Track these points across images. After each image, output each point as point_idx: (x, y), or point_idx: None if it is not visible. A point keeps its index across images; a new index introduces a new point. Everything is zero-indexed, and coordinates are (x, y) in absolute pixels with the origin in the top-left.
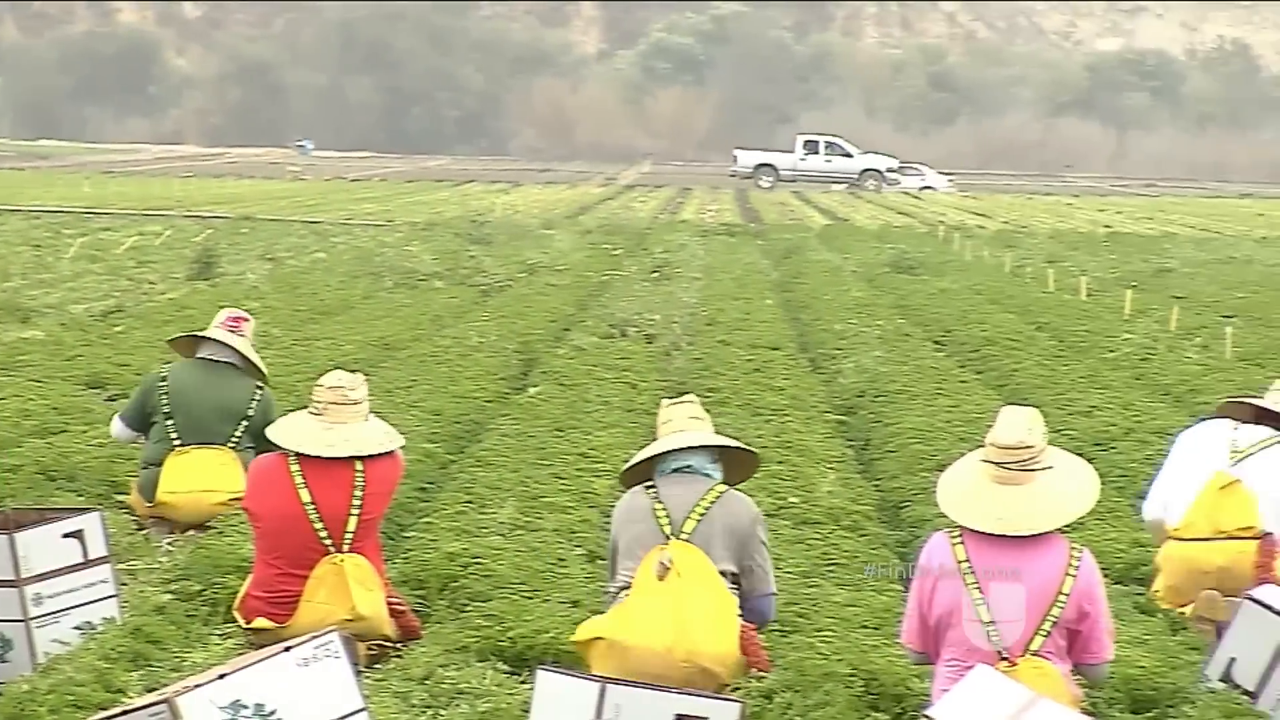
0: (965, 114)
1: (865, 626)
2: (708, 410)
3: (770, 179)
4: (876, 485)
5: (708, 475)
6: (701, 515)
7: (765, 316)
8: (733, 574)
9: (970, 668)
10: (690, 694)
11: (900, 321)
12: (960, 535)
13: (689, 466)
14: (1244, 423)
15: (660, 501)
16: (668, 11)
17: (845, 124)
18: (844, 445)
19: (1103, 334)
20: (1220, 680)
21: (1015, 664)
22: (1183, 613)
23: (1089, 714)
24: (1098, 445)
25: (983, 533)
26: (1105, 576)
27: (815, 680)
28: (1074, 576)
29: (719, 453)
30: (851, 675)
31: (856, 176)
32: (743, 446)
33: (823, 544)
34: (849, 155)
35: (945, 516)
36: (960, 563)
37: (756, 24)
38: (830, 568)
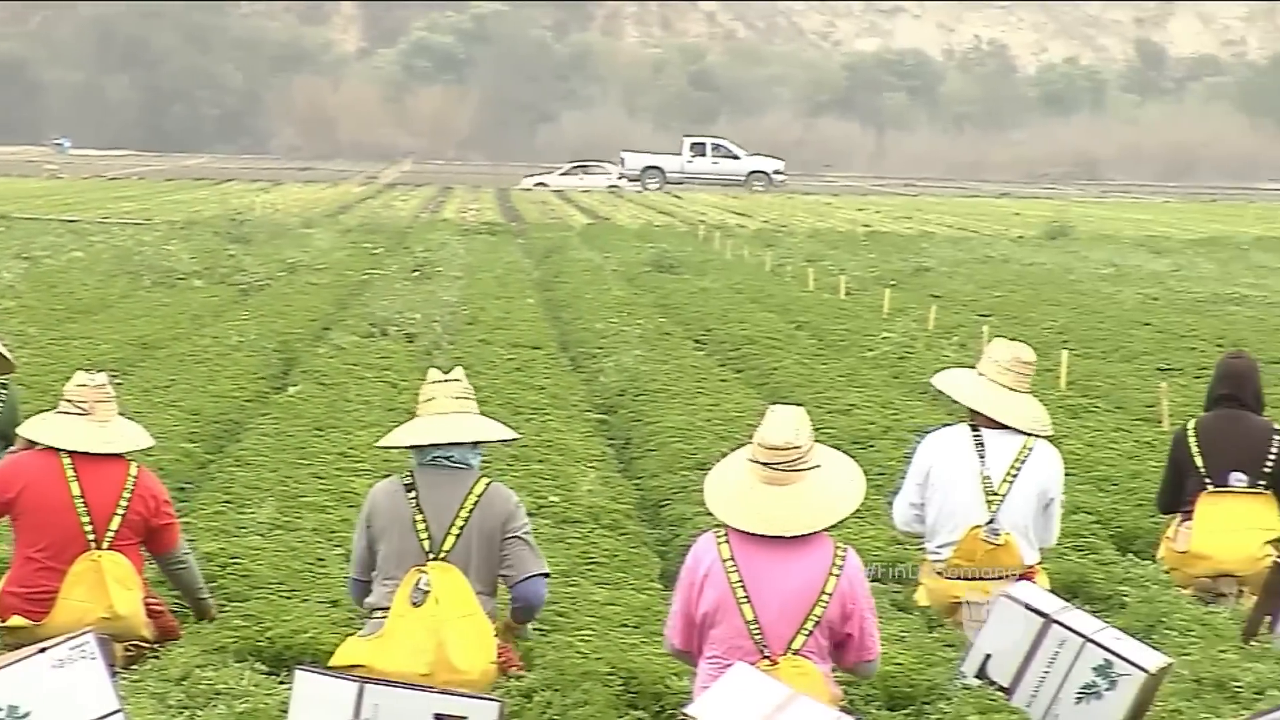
0: (725, 113)
1: (625, 625)
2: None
3: (657, 181)
4: (637, 484)
5: (467, 465)
6: (461, 528)
7: (526, 315)
8: (492, 585)
9: (731, 665)
10: (449, 693)
11: (661, 320)
12: (726, 534)
13: (449, 457)
14: (985, 427)
15: (421, 511)
16: (428, 10)
17: (606, 123)
18: (604, 444)
19: (861, 332)
20: (976, 676)
21: (776, 662)
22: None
23: (847, 712)
24: (856, 444)
25: (749, 532)
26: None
27: (574, 679)
28: (837, 576)
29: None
30: (610, 674)
31: (743, 178)
32: (504, 439)
33: (583, 543)
34: (736, 157)
35: (706, 514)
36: (725, 561)
37: (517, 23)
38: (590, 566)
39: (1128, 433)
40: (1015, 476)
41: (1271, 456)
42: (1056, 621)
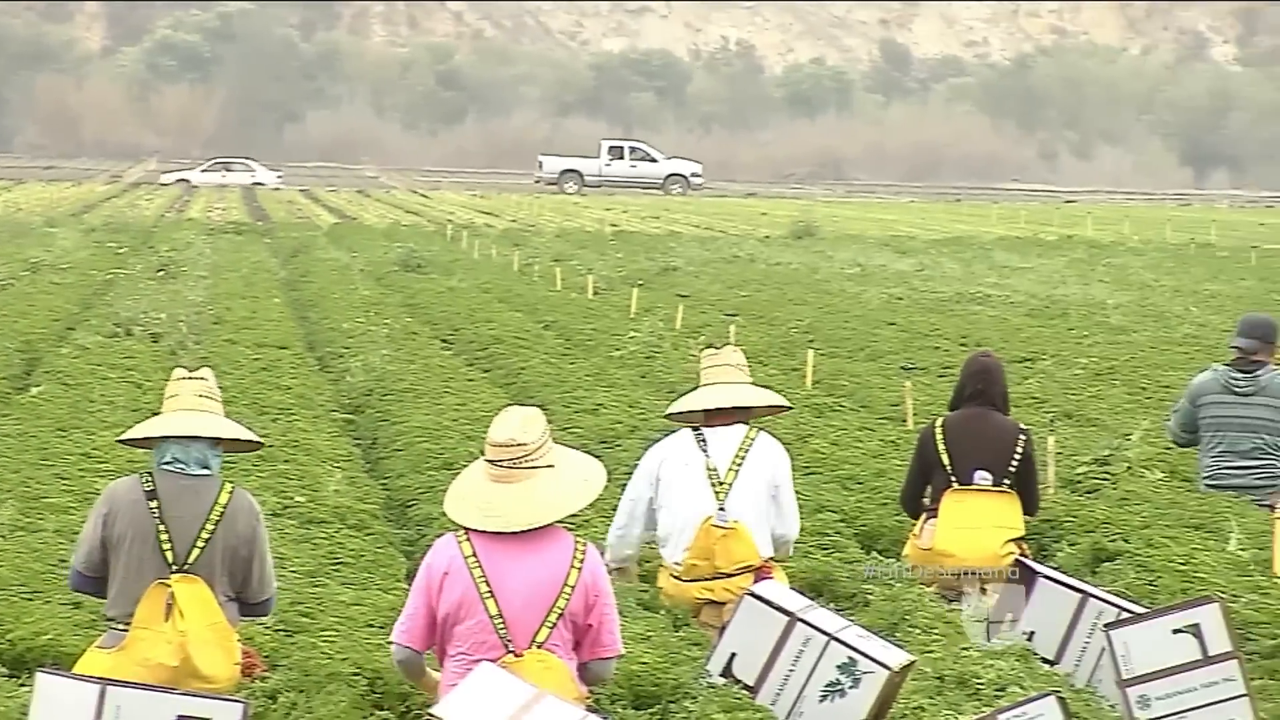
0: (473, 113)
1: (370, 625)
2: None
3: (575, 184)
4: (383, 484)
5: (207, 469)
6: (206, 540)
7: (273, 315)
8: (237, 589)
9: (477, 662)
10: (192, 695)
11: (408, 320)
12: (467, 534)
13: (188, 461)
14: (706, 426)
15: (164, 524)
16: (172, 9)
17: (353, 123)
18: (351, 444)
19: (609, 332)
20: (721, 675)
21: (520, 656)
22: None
23: (593, 711)
24: (603, 443)
25: (474, 529)
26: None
27: (320, 680)
28: (579, 569)
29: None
30: (356, 674)
31: (661, 181)
32: (246, 439)
33: (329, 543)
34: (654, 160)
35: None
36: (468, 558)
37: (263, 22)
38: (336, 567)
39: (872, 431)
40: (740, 465)
41: (1017, 456)
42: (801, 620)
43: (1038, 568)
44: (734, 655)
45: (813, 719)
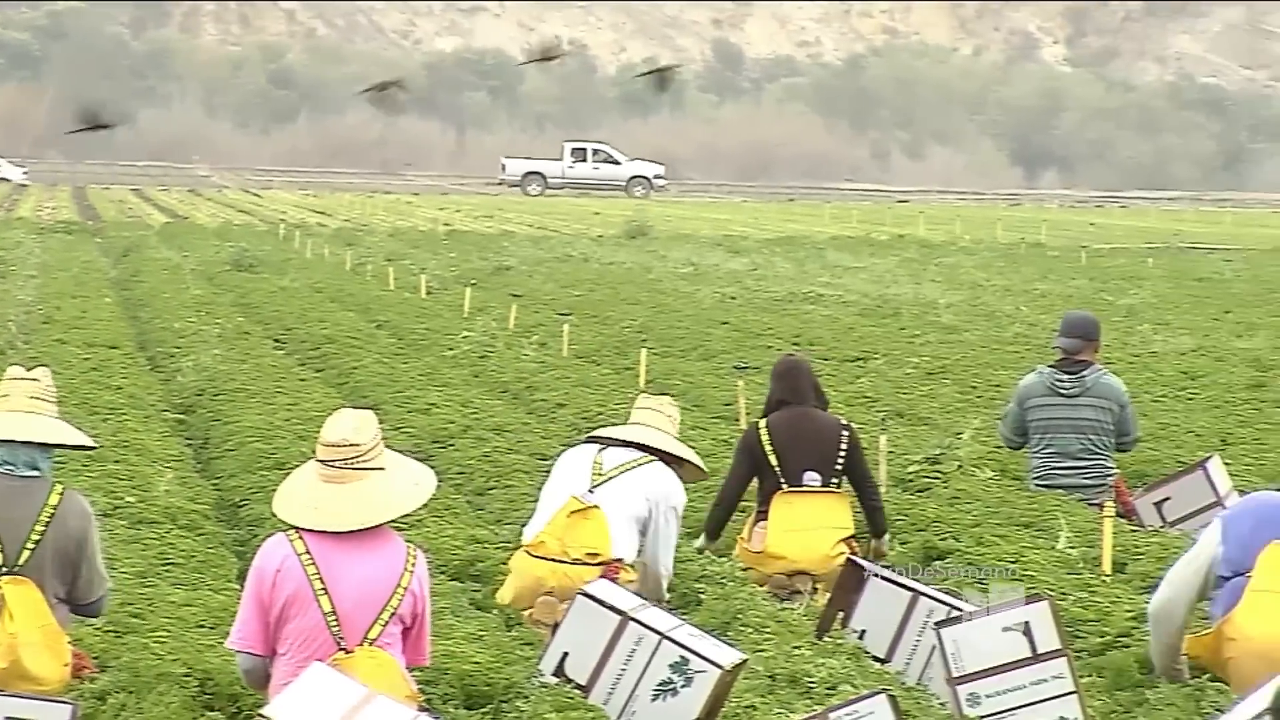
0: (306, 112)
1: (202, 626)
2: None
3: (538, 187)
4: (215, 484)
5: (37, 472)
6: (37, 542)
7: (103, 315)
8: (68, 590)
9: (308, 660)
10: (21, 696)
11: (240, 319)
12: (298, 531)
13: (15, 464)
14: (614, 444)
15: None
16: (2, 7)
17: (185, 122)
18: (182, 444)
19: (442, 332)
20: (554, 674)
21: (352, 653)
22: (524, 614)
23: (425, 710)
24: (436, 443)
25: (304, 528)
26: (442, 573)
27: (150, 681)
28: (411, 573)
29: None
30: (187, 675)
31: (624, 183)
32: (78, 444)
33: (159, 543)
34: (616, 163)
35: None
36: (301, 555)
37: (93, 19)
38: (167, 567)
39: (705, 430)
40: (626, 470)
41: (842, 453)
42: (633, 619)
43: (869, 566)
44: (566, 654)
45: (645, 718)
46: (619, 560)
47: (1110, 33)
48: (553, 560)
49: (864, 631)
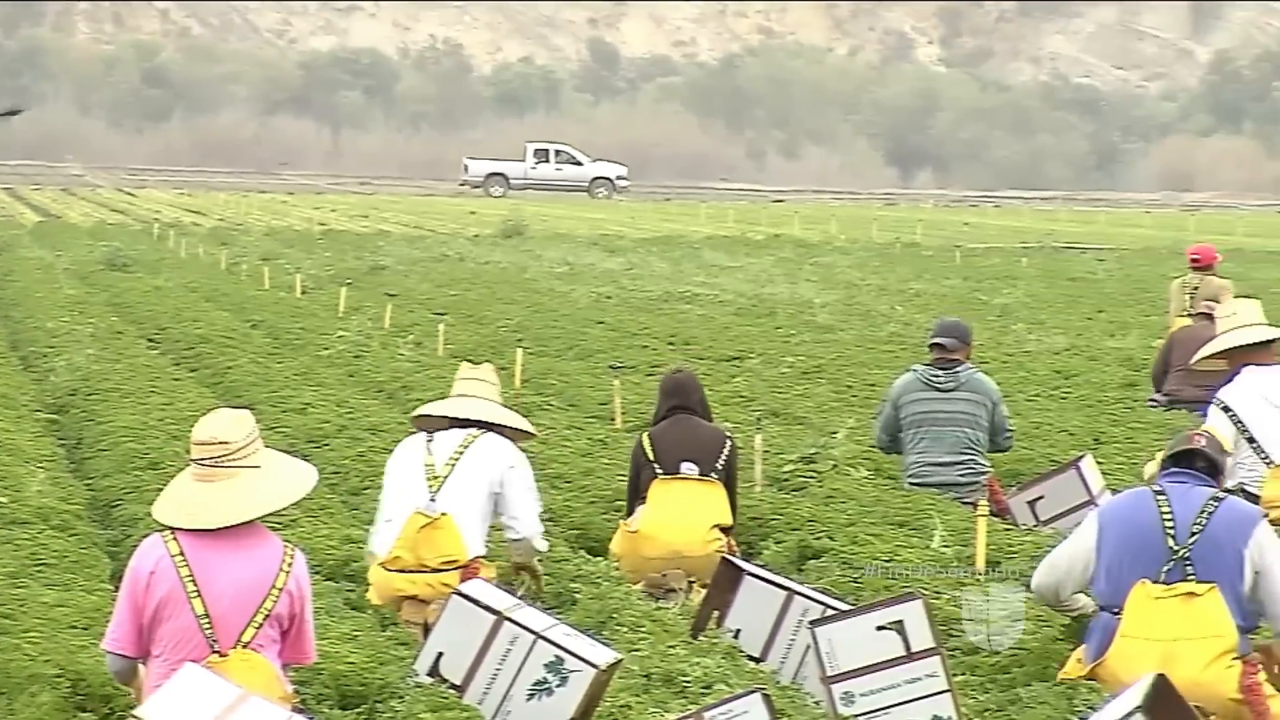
0: (180, 111)
1: (74, 627)
2: None
3: (501, 188)
4: (88, 484)
5: None
6: None
7: None
8: None
9: (182, 661)
10: None
11: (114, 319)
12: (174, 532)
13: None
14: (440, 430)
15: None
16: None
17: (58, 121)
18: (55, 444)
19: (317, 331)
20: (428, 674)
21: (226, 655)
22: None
23: (299, 711)
24: (311, 442)
25: (197, 529)
26: (316, 573)
27: (21, 682)
28: (288, 572)
29: None
30: (59, 676)
31: (587, 184)
32: None
33: (31, 544)
34: (579, 164)
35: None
36: (175, 557)
37: None
38: (39, 568)
39: (581, 430)
40: (457, 461)
41: (724, 458)
42: (508, 618)
43: (744, 565)
44: (441, 654)
45: (520, 718)
46: (477, 559)
47: (984, 33)
48: (410, 571)
49: (739, 630)
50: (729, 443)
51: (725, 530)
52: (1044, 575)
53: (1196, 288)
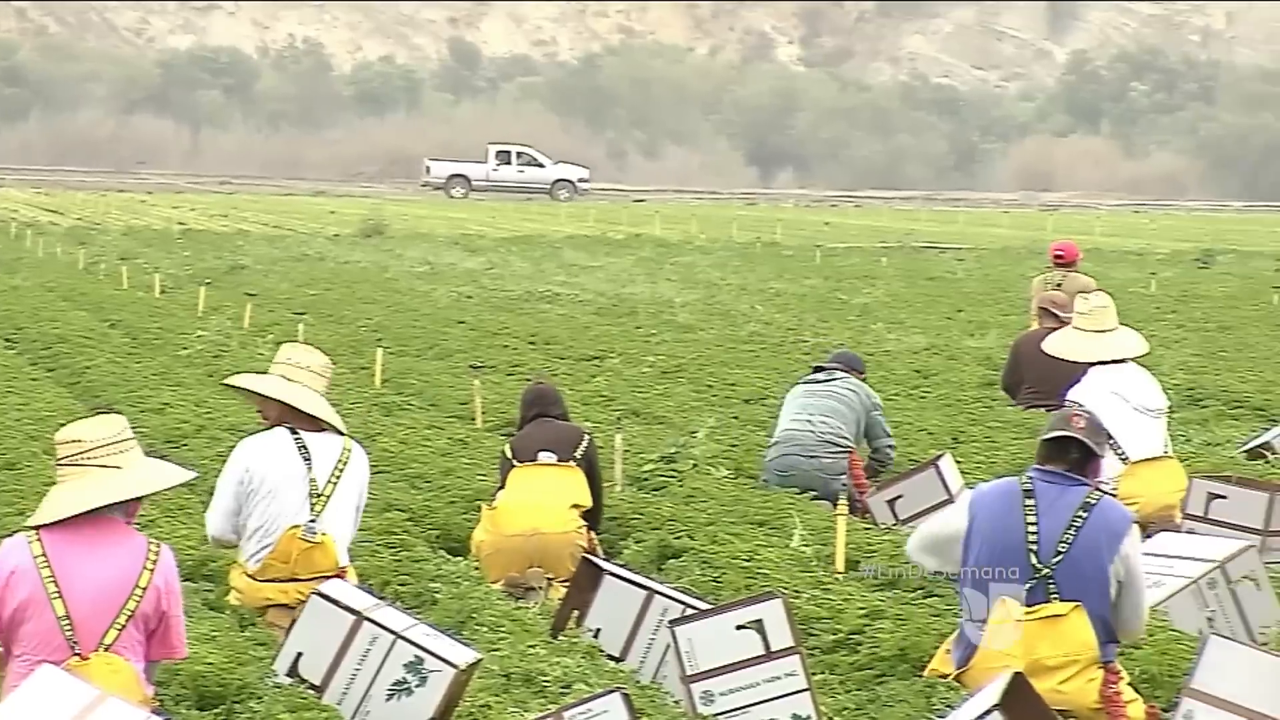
0: (38, 109)
1: None
2: None
3: (463, 189)
4: None
5: None
6: None
7: None
8: None
9: (41, 663)
10: None
11: None
12: (38, 533)
13: None
14: (300, 429)
15: None
16: None
17: None
18: None
19: (176, 331)
20: (288, 674)
21: (87, 659)
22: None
23: (158, 713)
24: (169, 442)
25: (58, 529)
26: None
27: None
28: (151, 570)
29: None
30: None
31: (549, 186)
32: None
33: None
34: (541, 165)
35: (17, 515)
36: (36, 558)
37: None
38: None
39: (441, 429)
40: (339, 478)
41: (581, 448)
42: (368, 619)
43: (604, 564)
44: (300, 654)
45: (379, 717)
46: (344, 568)
47: (844, 33)
48: (281, 581)
49: (599, 630)
50: (587, 438)
51: (587, 517)
52: (919, 550)
53: (1059, 285)
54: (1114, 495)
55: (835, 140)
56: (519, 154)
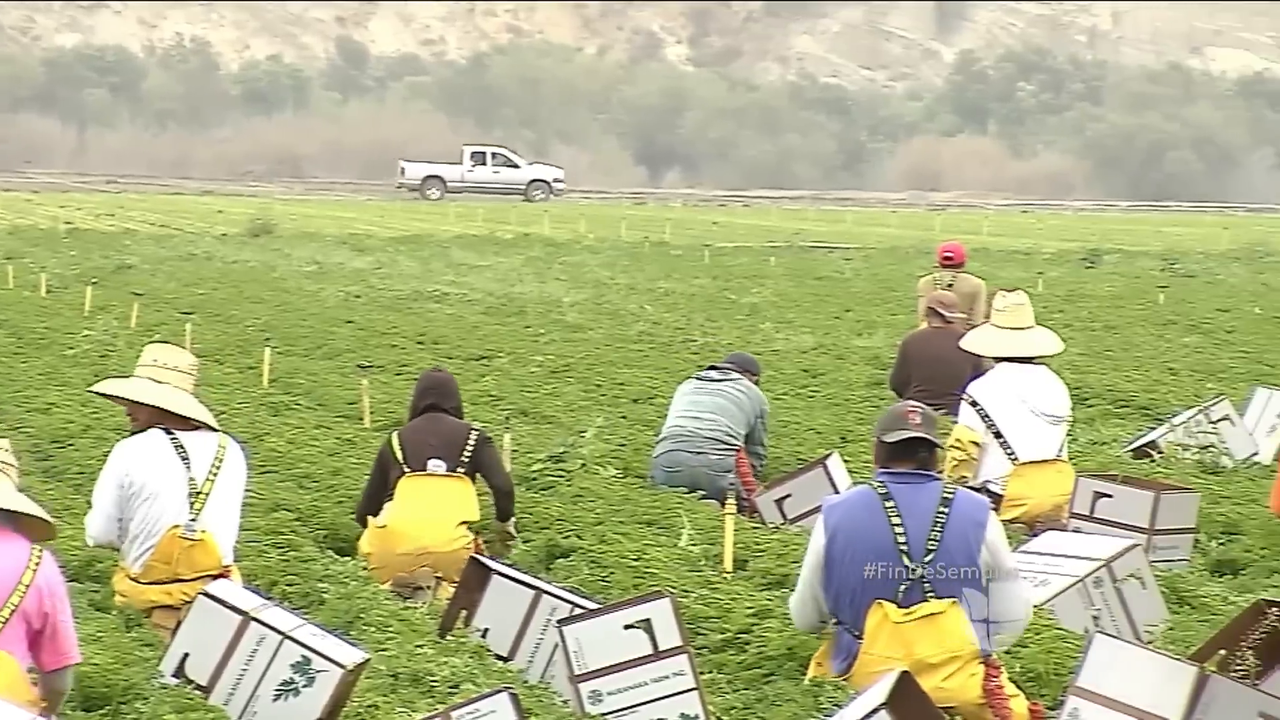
0: None
1: None
2: None
3: (438, 191)
4: None
5: None
6: None
7: None
8: None
9: None
10: None
11: None
12: None
13: None
14: (176, 429)
15: None
16: None
17: None
18: None
19: (63, 331)
20: (174, 675)
21: None
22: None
23: (44, 714)
24: (55, 443)
25: None
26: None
27: None
28: (35, 570)
29: None
30: None
31: (524, 187)
32: None
33: None
34: (516, 166)
35: None
36: None
37: None
38: None
39: (329, 429)
40: (216, 475)
41: (469, 449)
42: (255, 619)
43: (492, 564)
44: (187, 655)
45: (267, 718)
46: (228, 567)
47: (732, 33)
48: (165, 583)
49: (487, 629)
50: (475, 435)
51: (499, 506)
52: (798, 612)
53: (949, 285)
54: (1000, 495)
55: (723, 140)
56: (494, 155)
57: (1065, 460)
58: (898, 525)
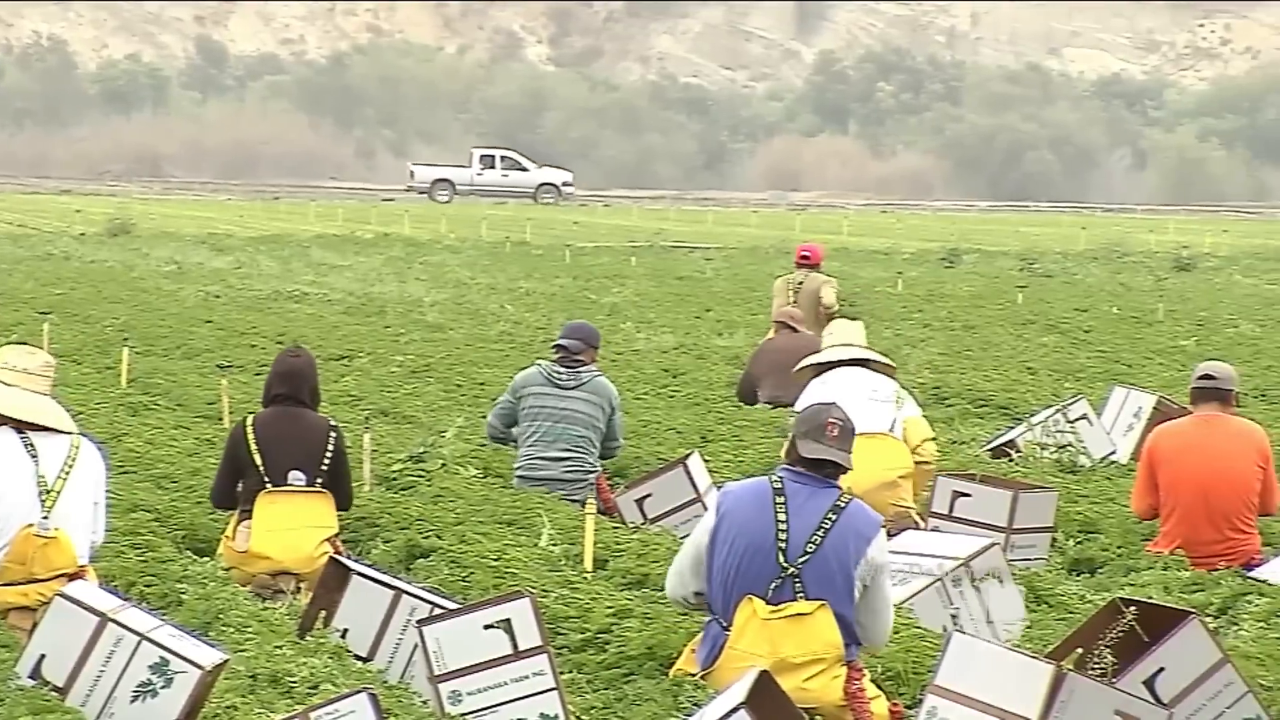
0: None
1: None
2: None
3: (447, 194)
4: None
5: None
6: None
7: None
8: None
9: None
10: None
11: None
12: None
13: None
14: (28, 429)
15: None
16: None
17: None
18: None
19: None
20: (30, 677)
21: None
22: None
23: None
24: None
25: None
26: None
27: None
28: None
29: None
30: None
31: (533, 190)
32: None
33: None
34: (525, 169)
35: None
36: None
37: None
38: None
39: (188, 429)
40: (69, 474)
41: (329, 454)
42: (112, 620)
43: (352, 565)
44: (44, 656)
45: None
46: (84, 568)
47: (594, 33)
48: (19, 584)
49: (346, 630)
50: (334, 434)
51: (333, 537)
52: (672, 581)
53: (801, 284)
54: None
55: (584, 140)
56: (503, 158)
57: (895, 438)
58: (781, 521)
